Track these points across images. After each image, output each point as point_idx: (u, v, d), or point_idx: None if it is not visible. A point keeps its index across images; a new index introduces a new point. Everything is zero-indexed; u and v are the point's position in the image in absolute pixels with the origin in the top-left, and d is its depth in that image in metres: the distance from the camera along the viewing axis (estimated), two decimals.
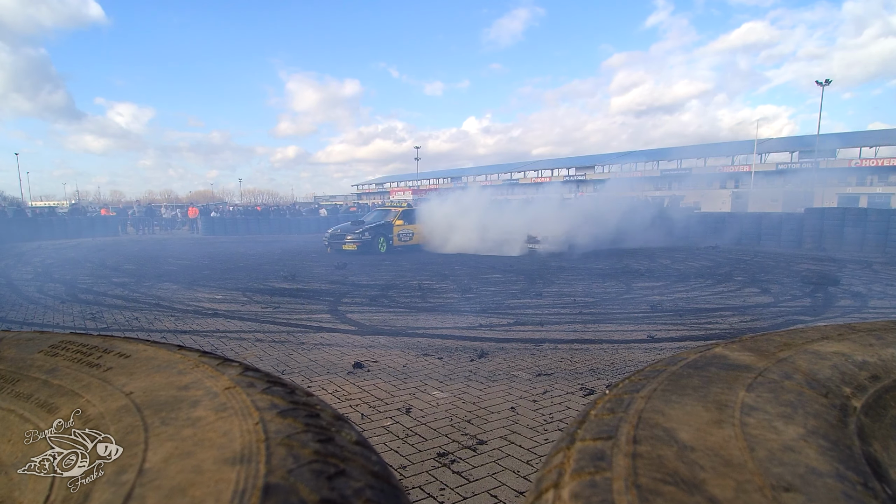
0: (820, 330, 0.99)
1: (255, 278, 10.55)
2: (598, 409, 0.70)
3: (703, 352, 0.88)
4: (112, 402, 0.71)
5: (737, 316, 6.71)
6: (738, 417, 0.63)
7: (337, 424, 0.67)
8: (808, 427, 0.62)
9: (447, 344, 5.31)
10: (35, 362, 0.89)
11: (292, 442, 0.58)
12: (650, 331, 5.82)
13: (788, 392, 0.71)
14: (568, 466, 0.58)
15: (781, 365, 0.80)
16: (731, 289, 8.92)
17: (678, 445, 0.57)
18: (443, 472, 2.76)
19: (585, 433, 0.64)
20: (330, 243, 16.66)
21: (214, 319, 6.53)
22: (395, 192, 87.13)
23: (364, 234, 16.16)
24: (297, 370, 4.48)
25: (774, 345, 0.89)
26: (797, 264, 12.42)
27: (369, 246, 16.10)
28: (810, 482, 0.51)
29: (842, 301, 7.70)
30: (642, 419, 0.63)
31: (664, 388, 0.72)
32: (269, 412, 0.65)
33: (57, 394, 0.77)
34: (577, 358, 4.83)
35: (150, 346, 0.92)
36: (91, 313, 7.01)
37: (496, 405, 3.68)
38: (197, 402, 0.68)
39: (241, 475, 0.52)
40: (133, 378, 0.77)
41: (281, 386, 0.74)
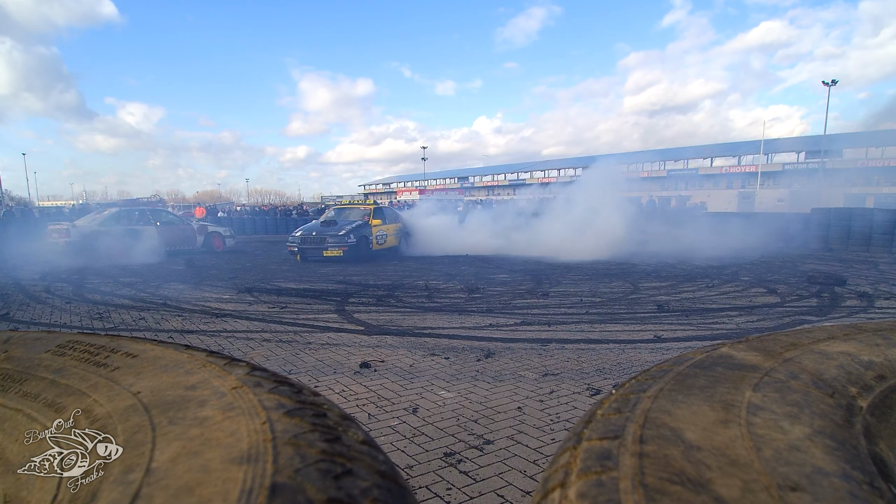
0: (826, 330, 0.99)
1: (262, 278, 10.58)
2: (604, 408, 0.70)
3: (710, 351, 0.87)
4: (119, 401, 0.72)
5: (743, 316, 6.68)
6: (744, 417, 0.63)
7: (344, 424, 0.67)
8: (814, 427, 0.62)
9: (454, 344, 5.31)
10: (42, 362, 0.89)
11: (299, 441, 0.59)
12: (656, 331, 5.80)
13: (795, 392, 0.70)
14: (574, 466, 0.58)
15: (788, 365, 0.79)
16: (737, 289, 8.89)
17: (685, 445, 0.57)
18: (449, 472, 2.76)
19: (592, 433, 0.64)
20: (301, 250, 13.85)
21: (221, 319, 6.55)
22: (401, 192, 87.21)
23: (349, 236, 13.77)
24: (304, 370, 4.49)
25: (781, 345, 0.89)
26: (803, 264, 12.36)
27: (356, 250, 13.77)
28: (816, 482, 0.51)
29: (848, 301, 7.65)
30: (649, 419, 0.63)
31: (671, 387, 0.72)
32: (276, 412, 0.65)
33: (64, 393, 0.78)
34: (583, 358, 4.82)
35: (158, 345, 0.92)
36: (98, 313, 7.05)
37: (503, 405, 3.68)
38: (204, 402, 0.68)
39: (248, 474, 0.52)
40: (140, 378, 0.78)
41: (288, 385, 0.74)
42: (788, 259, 13.46)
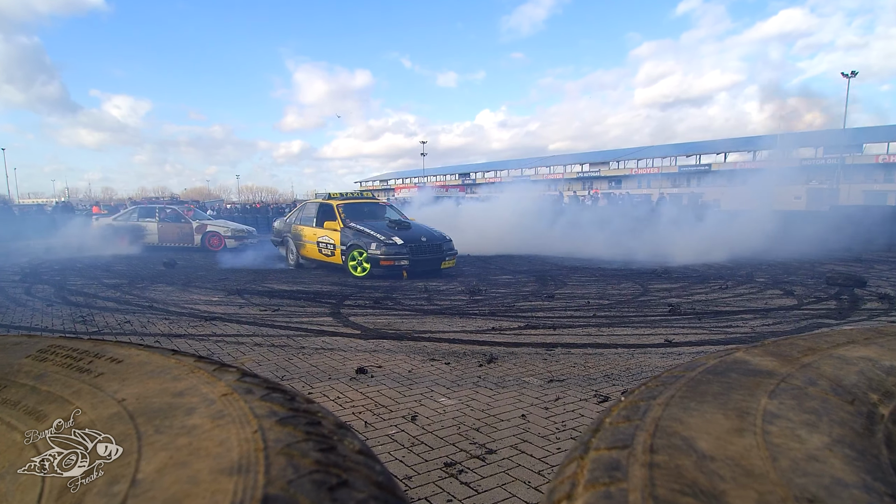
0: (846, 334, 0.99)
1: (254, 279, 10.58)
2: (613, 416, 0.70)
3: (724, 356, 0.87)
4: (103, 409, 0.72)
5: (758, 319, 6.68)
6: (759, 425, 0.63)
7: (339, 433, 0.67)
8: (833, 436, 0.62)
9: (454, 348, 5.31)
10: (23, 368, 0.89)
11: (292, 451, 0.59)
12: (667, 334, 5.80)
13: (813, 399, 0.70)
14: (581, 477, 0.58)
15: (805, 370, 0.79)
16: (752, 290, 8.89)
17: (697, 455, 0.57)
18: (450, 483, 2.76)
19: (600, 442, 0.64)
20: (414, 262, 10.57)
21: (210, 322, 6.55)
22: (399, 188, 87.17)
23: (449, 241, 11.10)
24: (298, 376, 4.49)
25: (798, 349, 0.89)
26: (821, 265, 12.35)
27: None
28: (836, 494, 0.51)
29: (869, 303, 7.65)
30: (659, 427, 0.63)
31: (682, 394, 0.72)
32: (267, 420, 0.65)
33: (46, 400, 0.78)
34: (590, 363, 4.82)
35: (144, 350, 0.92)
36: (81, 316, 7.04)
37: (506, 412, 3.68)
38: (192, 410, 0.68)
39: (238, 486, 0.52)
40: (125, 384, 0.78)
41: (280, 392, 0.74)
42: (806, 259, 13.45)
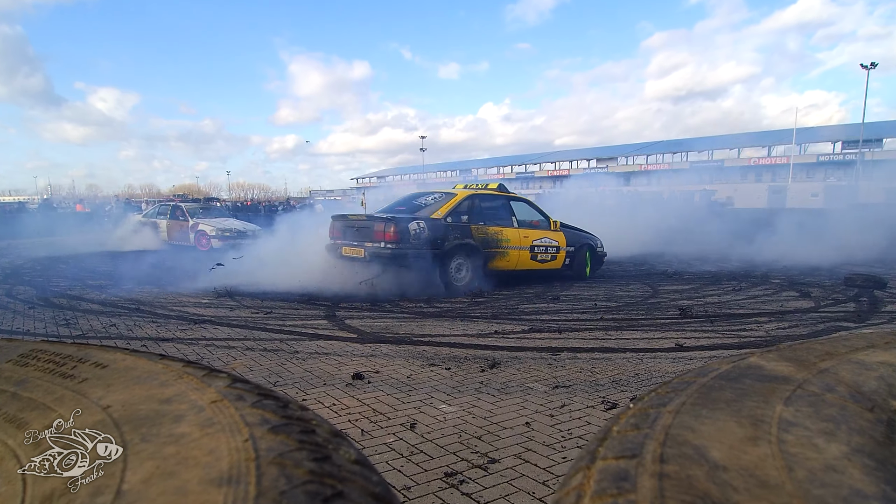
0: (865, 338, 0.99)
1: (245, 280, 10.58)
2: (621, 424, 0.70)
3: (737, 361, 0.87)
4: (87, 416, 0.72)
5: (773, 322, 6.68)
6: (774, 434, 0.63)
7: (334, 441, 0.67)
8: (851, 444, 0.61)
9: (455, 353, 5.31)
10: (3, 373, 0.89)
11: (285, 461, 0.58)
12: (678, 338, 5.80)
13: (830, 406, 0.70)
14: (588, 488, 0.58)
15: (823, 376, 0.79)
16: (768, 292, 8.89)
17: (709, 465, 0.57)
18: (451, 494, 2.76)
19: (607, 451, 0.64)
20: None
21: (200, 326, 6.55)
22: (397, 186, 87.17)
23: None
24: (291, 382, 4.49)
25: (815, 354, 0.89)
26: (840, 266, 12.35)
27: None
28: None
29: (889, 306, 7.65)
30: (670, 436, 0.63)
31: (694, 401, 0.72)
32: (259, 428, 0.65)
33: (27, 407, 0.78)
34: (598, 368, 4.82)
35: (130, 355, 0.92)
36: (65, 319, 7.04)
37: (509, 420, 3.68)
38: (180, 417, 0.68)
39: (228, 497, 0.52)
40: (111, 390, 0.78)
41: (273, 399, 0.74)
42: (823, 259, 13.45)
